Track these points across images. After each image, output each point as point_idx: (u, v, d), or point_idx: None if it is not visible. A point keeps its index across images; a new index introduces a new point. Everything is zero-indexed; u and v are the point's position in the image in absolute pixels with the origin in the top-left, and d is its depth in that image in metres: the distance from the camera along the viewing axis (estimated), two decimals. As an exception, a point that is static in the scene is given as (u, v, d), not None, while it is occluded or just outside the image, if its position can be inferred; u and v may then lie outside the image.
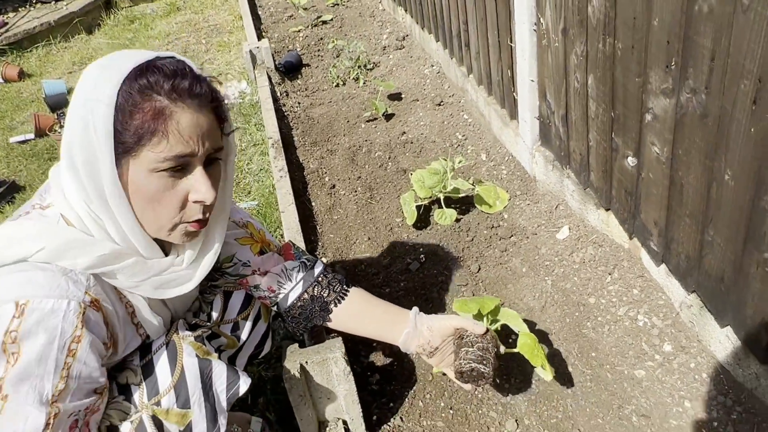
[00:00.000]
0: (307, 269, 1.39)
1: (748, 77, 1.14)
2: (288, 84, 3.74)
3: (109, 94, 0.93)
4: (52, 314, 0.92)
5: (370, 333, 1.43)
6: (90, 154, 0.95)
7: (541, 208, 2.23)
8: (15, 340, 0.90)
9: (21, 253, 0.94)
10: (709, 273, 1.47)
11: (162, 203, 1.00)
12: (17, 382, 0.89)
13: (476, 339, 1.33)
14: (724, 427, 1.42)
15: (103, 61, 0.99)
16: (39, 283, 0.93)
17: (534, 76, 2.12)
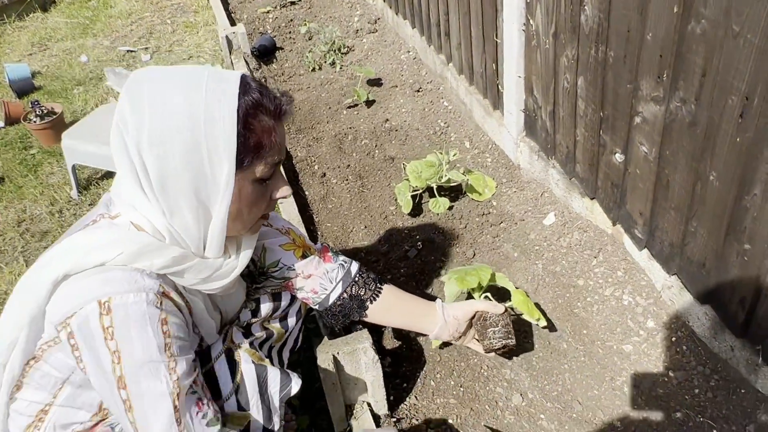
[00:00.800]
0: (344, 270, 1.52)
1: (736, 94, 1.30)
2: (265, 69, 3.77)
3: (227, 116, 1.02)
4: (135, 305, 1.01)
5: (401, 325, 1.62)
6: (198, 173, 1.03)
7: (527, 195, 2.39)
8: (113, 336, 1.00)
9: (101, 259, 1.03)
10: (691, 259, 1.66)
11: (257, 206, 1.14)
12: (133, 376, 1.01)
13: (498, 318, 1.55)
14: (704, 393, 1.62)
15: (187, 83, 1.04)
16: (117, 281, 1.01)
17: (521, 73, 2.26)
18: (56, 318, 1.03)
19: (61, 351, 1.08)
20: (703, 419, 1.57)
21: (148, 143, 1.02)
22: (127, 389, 1.02)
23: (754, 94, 1.25)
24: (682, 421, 1.57)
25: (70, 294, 1.03)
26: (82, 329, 1.01)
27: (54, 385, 1.14)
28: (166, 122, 1.02)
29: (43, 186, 3.00)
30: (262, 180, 1.11)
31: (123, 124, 1.04)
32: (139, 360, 1.01)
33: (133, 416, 1.04)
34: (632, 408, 1.62)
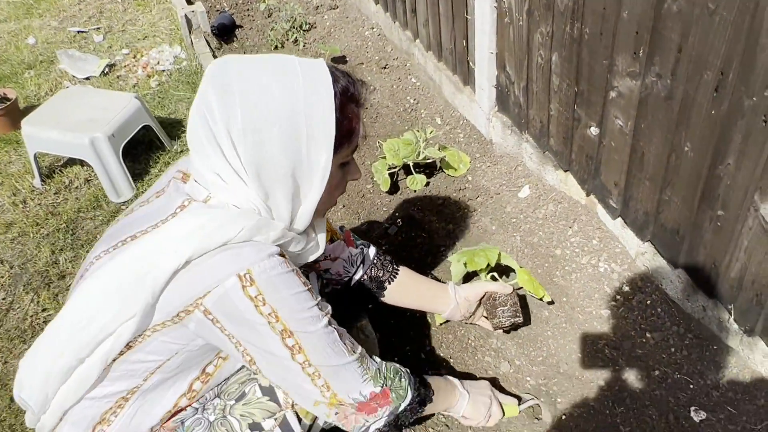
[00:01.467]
0: (364, 253, 1.60)
1: (711, 69, 1.37)
2: (226, 48, 3.71)
3: (328, 105, 1.05)
4: (273, 269, 1.07)
5: (415, 306, 1.71)
6: (296, 158, 1.07)
7: (501, 169, 2.45)
8: (265, 302, 1.05)
9: (226, 237, 1.05)
10: (665, 226, 1.75)
11: (339, 187, 1.22)
12: (298, 323, 1.09)
13: (506, 298, 1.64)
14: (679, 351, 1.73)
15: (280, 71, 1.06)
16: (246, 254, 1.05)
17: (493, 49, 2.30)
18: (180, 302, 1.05)
19: (168, 334, 1.09)
20: (679, 375, 1.67)
21: (243, 131, 1.03)
22: (294, 336, 1.09)
23: (729, 69, 1.32)
24: (660, 379, 1.67)
25: (199, 276, 1.04)
26: (223, 305, 1.04)
27: (143, 372, 1.15)
28: (263, 109, 1.03)
29: (3, 176, 2.90)
30: (344, 164, 1.18)
31: (209, 112, 1.03)
32: (297, 309, 1.09)
33: (305, 355, 1.11)
34: (613, 368, 1.72)
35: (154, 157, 2.89)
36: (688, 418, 1.57)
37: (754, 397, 1.58)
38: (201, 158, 1.08)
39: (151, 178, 2.78)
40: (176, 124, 3.11)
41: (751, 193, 1.39)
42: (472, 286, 1.70)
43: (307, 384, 1.14)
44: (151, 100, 3.33)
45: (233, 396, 1.26)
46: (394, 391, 1.25)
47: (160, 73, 3.57)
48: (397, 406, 1.27)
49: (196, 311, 1.05)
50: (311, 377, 1.13)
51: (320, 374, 1.13)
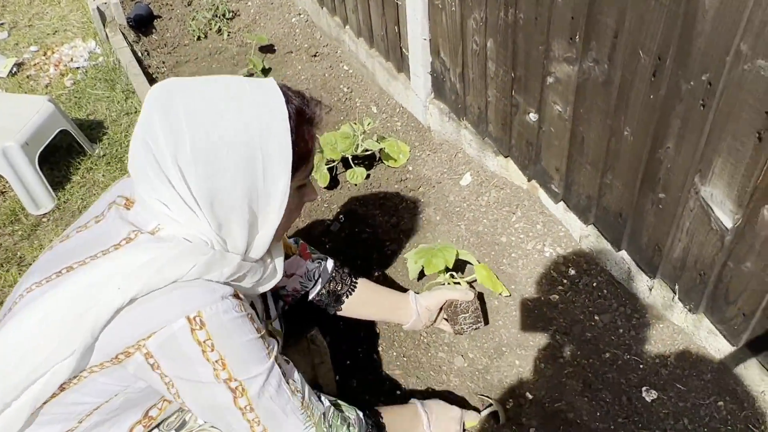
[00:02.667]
0: (321, 268, 1.54)
1: (648, 54, 1.37)
2: (145, 41, 3.51)
3: (283, 128, 1.00)
4: (225, 313, 1.00)
5: (375, 318, 1.68)
6: (251, 186, 1.00)
7: (441, 157, 2.42)
8: (213, 347, 0.98)
9: (176, 274, 0.97)
10: (607, 209, 1.75)
11: (296, 211, 1.17)
12: (243, 367, 1.02)
13: (467, 305, 1.62)
14: (628, 332, 1.75)
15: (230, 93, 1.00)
16: (198, 295, 0.99)
17: (426, 35, 2.24)
18: (120, 342, 0.97)
19: (107, 375, 1.00)
20: (629, 356, 1.69)
21: (193, 160, 0.95)
22: (239, 381, 1.03)
23: (666, 54, 1.32)
24: (611, 361, 1.69)
25: (144, 315, 0.96)
26: (169, 348, 0.97)
27: (78, 415, 1.05)
28: (213, 137, 0.96)
29: None
30: (301, 186, 1.13)
31: (153, 140, 0.96)
32: (246, 359, 1.03)
33: (248, 399, 1.04)
34: (565, 354, 1.72)
35: (75, 163, 2.70)
36: (640, 398, 1.60)
37: (701, 372, 1.62)
38: (146, 188, 1.01)
39: (73, 186, 2.61)
40: (96, 125, 2.92)
41: (692, 175, 1.40)
42: (433, 295, 1.68)
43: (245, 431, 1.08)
44: (67, 101, 3.12)
45: (173, 426, 1.18)
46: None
47: (74, 71, 3.35)
48: None
49: (137, 354, 0.97)
50: (250, 424, 1.06)
51: (260, 421, 1.07)
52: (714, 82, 1.24)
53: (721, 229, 1.39)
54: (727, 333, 1.54)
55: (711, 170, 1.34)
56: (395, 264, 2.06)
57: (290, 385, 1.11)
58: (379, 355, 1.82)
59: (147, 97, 1.00)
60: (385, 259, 2.09)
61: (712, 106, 1.26)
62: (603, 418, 1.57)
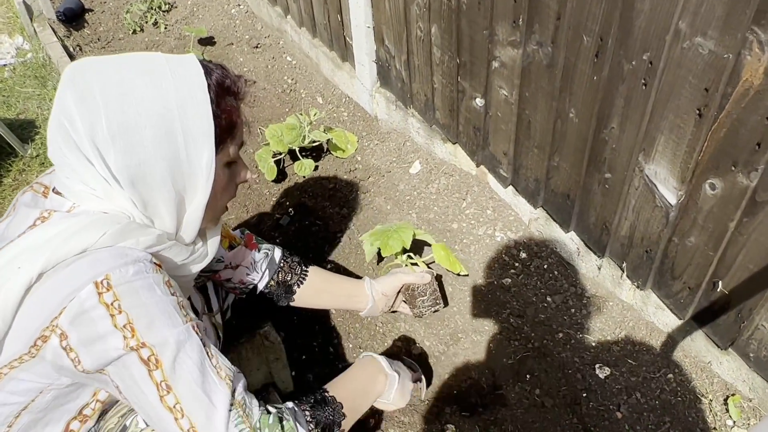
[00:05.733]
0: (269, 257, 1.49)
1: (590, 35, 1.38)
2: (77, 36, 3.35)
3: (202, 99, 0.96)
4: (136, 275, 0.94)
5: (329, 306, 1.64)
6: (174, 161, 0.96)
7: (389, 146, 2.40)
8: (120, 309, 0.90)
9: (83, 243, 0.92)
10: (555, 192, 1.77)
11: (227, 191, 1.11)
12: (152, 331, 0.93)
13: (425, 287, 1.61)
14: (579, 311, 1.78)
15: (145, 68, 0.95)
16: (108, 258, 0.93)
17: (370, 23, 2.22)
18: (35, 324, 0.90)
19: (27, 371, 0.94)
20: (582, 335, 1.72)
21: (110, 137, 0.91)
22: (150, 349, 0.93)
23: (608, 35, 1.33)
24: (565, 341, 1.72)
25: (52, 289, 0.90)
26: (78, 319, 0.90)
27: (6, 417, 0.98)
28: (130, 111, 0.92)
29: None
30: (230, 163, 1.08)
31: (69, 120, 0.91)
32: (155, 321, 0.94)
33: (163, 372, 0.93)
34: (520, 336, 1.74)
35: (6, 165, 2.56)
36: (594, 375, 1.63)
37: (651, 347, 1.66)
38: (65, 171, 0.97)
39: (5, 189, 2.47)
40: (27, 125, 2.78)
41: (636, 154, 1.43)
42: (389, 280, 1.64)
43: (172, 426, 0.95)
44: (-6, 99, 2.95)
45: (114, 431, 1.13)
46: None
47: (1, 68, 3.17)
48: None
49: (52, 336, 0.90)
50: (173, 413, 0.94)
51: (182, 409, 0.94)
52: (655, 61, 1.26)
53: (665, 205, 1.42)
54: (674, 307, 1.59)
55: (654, 148, 1.37)
56: (348, 253, 2.03)
57: (218, 370, 0.99)
58: (335, 348, 1.79)
59: (61, 78, 0.96)
60: (337, 250, 2.06)
61: (654, 84, 1.28)
62: (559, 397, 1.59)
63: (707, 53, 1.15)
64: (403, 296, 1.70)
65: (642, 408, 1.55)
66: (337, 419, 1.18)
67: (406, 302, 1.70)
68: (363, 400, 1.31)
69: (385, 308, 1.68)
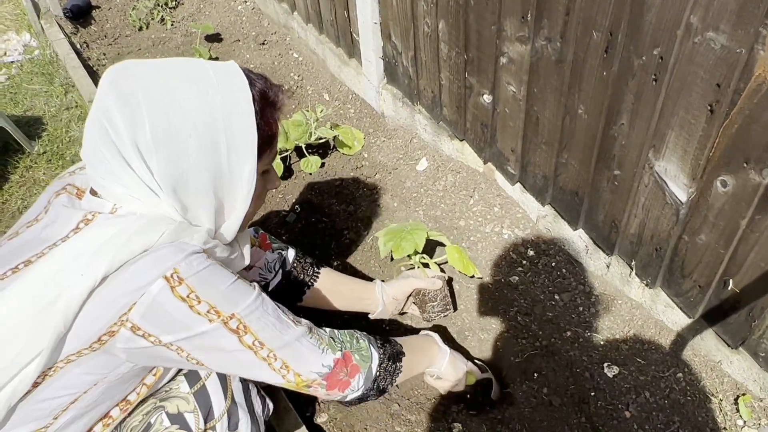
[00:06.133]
0: (282, 258, 1.50)
1: (600, 30, 1.36)
2: (84, 32, 3.36)
3: (248, 110, 0.96)
4: (200, 264, 0.97)
5: (339, 308, 1.62)
6: (217, 170, 0.98)
7: (396, 143, 2.39)
8: (199, 299, 0.95)
9: (145, 243, 0.93)
10: (563, 189, 1.76)
11: (261, 198, 1.14)
12: (239, 314, 0.99)
13: (436, 293, 1.60)
14: (587, 309, 1.76)
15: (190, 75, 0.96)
16: (169, 254, 0.95)
17: (377, 19, 2.20)
18: (100, 324, 0.91)
19: (84, 364, 0.95)
20: (590, 333, 1.71)
21: (153, 143, 0.91)
22: (237, 318, 0.99)
23: (618, 29, 1.32)
24: (573, 339, 1.70)
25: (119, 289, 0.91)
26: (154, 315, 0.92)
27: (53, 411, 0.98)
28: (175, 119, 0.92)
29: None
30: (265, 172, 1.11)
31: (110, 123, 0.91)
32: (235, 297, 1.00)
33: (253, 334, 1.01)
34: (527, 334, 1.72)
35: (13, 162, 2.56)
36: (602, 374, 1.61)
37: (660, 345, 1.64)
38: (103, 174, 0.96)
39: (12, 186, 2.47)
40: (34, 121, 2.78)
41: (646, 151, 1.41)
42: (400, 284, 1.65)
43: (265, 371, 1.05)
44: (2, 96, 2.96)
45: (137, 430, 1.13)
46: (356, 352, 1.18)
47: (8, 65, 3.18)
48: (368, 370, 1.19)
49: (121, 330, 0.92)
50: (267, 361, 1.04)
51: (275, 355, 1.04)
52: (665, 56, 1.24)
53: (675, 203, 1.40)
54: (684, 306, 1.57)
55: (665, 145, 1.35)
56: (355, 250, 2.03)
57: (288, 315, 1.10)
58: (341, 346, 1.79)
59: (102, 80, 0.96)
60: (343, 248, 2.05)
61: (665, 80, 1.27)
62: (566, 395, 1.58)
63: (719, 48, 1.14)
64: (413, 300, 1.70)
65: (651, 407, 1.54)
66: (399, 355, 1.30)
67: (416, 305, 1.70)
68: (419, 358, 1.39)
69: (395, 311, 1.69)
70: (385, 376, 1.25)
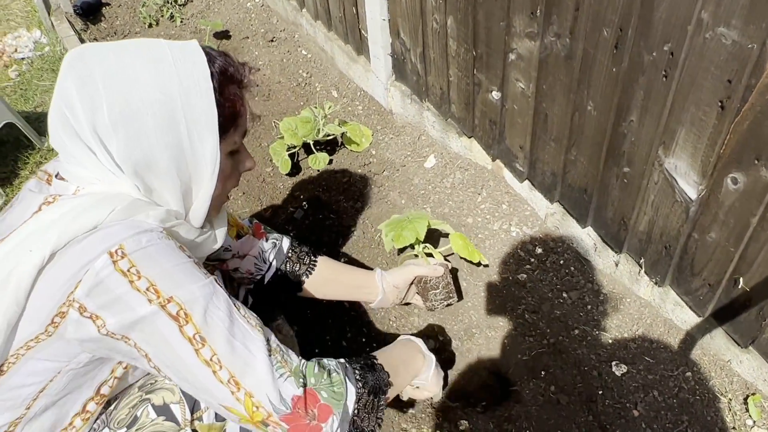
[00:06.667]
0: (277, 247, 1.48)
1: (610, 26, 1.35)
2: (94, 29, 3.37)
3: (205, 87, 0.95)
4: (149, 242, 0.93)
5: (339, 297, 1.61)
6: (177, 150, 0.96)
7: (404, 140, 2.38)
8: (140, 275, 0.90)
9: (93, 220, 0.92)
10: (572, 186, 1.75)
11: (231, 179, 1.11)
12: (183, 298, 0.93)
13: (438, 281, 1.58)
14: (596, 308, 1.75)
15: (148, 56, 0.95)
16: (119, 231, 0.92)
17: (386, 15, 2.20)
18: (51, 303, 0.90)
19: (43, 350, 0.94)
20: (598, 332, 1.70)
21: (111, 124, 0.91)
22: (177, 301, 0.92)
23: (628, 25, 1.31)
24: (581, 337, 1.69)
25: (65, 265, 0.90)
26: (96, 292, 0.89)
27: (24, 400, 0.98)
28: (132, 99, 0.92)
29: None
30: (234, 152, 1.08)
31: (69, 107, 0.91)
32: (179, 278, 0.94)
33: (194, 325, 0.93)
34: (535, 333, 1.72)
35: (23, 158, 2.58)
36: (610, 373, 1.60)
37: (669, 344, 1.63)
38: (67, 158, 0.98)
39: (22, 181, 2.49)
40: (44, 117, 2.77)
41: (656, 148, 1.40)
42: (401, 272, 1.62)
43: (211, 381, 0.93)
44: (12, 93, 2.98)
45: (124, 423, 1.11)
46: (324, 390, 1.00)
47: (19, 62, 3.20)
48: (342, 410, 1.01)
49: (70, 311, 0.91)
50: (210, 366, 0.92)
51: (220, 361, 0.92)
52: (676, 51, 1.23)
53: (685, 200, 1.39)
54: (693, 304, 1.56)
55: (675, 141, 1.34)
56: (362, 247, 2.02)
57: (248, 319, 0.99)
58: (348, 342, 1.78)
59: (62, 65, 0.95)
60: (351, 244, 2.05)
61: (675, 76, 1.26)
62: (574, 394, 1.57)
63: (730, 43, 1.12)
64: (416, 289, 1.68)
65: (659, 406, 1.52)
66: (383, 386, 1.15)
67: (419, 294, 1.68)
68: (405, 374, 1.30)
69: (397, 300, 1.66)
70: (367, 417, 1.07)
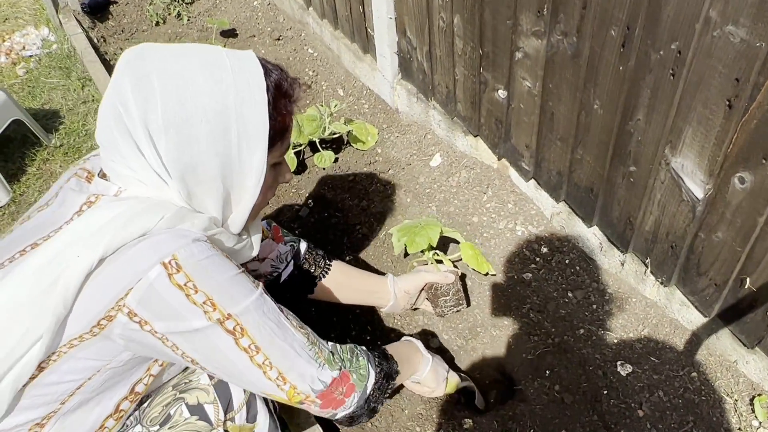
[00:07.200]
0: (294, 250, 1.51)
1: (617, 24, 1.35)
2: (101, 27, 3.38)
3: (260, 100, 0.96)
4: (200, 253, 0.95)
5: (350, 301, 1.63)
6: (226, 158, 0.97)
7: (410, 139, 2.38)
8: (196, 289, 0.93)
9: (144, 227, 0.93)
10: (578, 185, 1.74)
11: (271, 190, 1.13)
12: (237, 313, 0.97)
13: (448, 287, 1.59)
14: (601, 307, 1.75)
15: (206, 61, 0.95)
16: (169, 240, 0.94)
17: (392, 14, 2.20)
18: (99, 307, 0.91)
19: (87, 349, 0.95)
20: (603, 332, 1.69)
21: (164, 126, 0.92)
22: (234, 318, 0.97)
23: (635, 23, 1.30)
24: (586, 337, 1.69)
25: (117, 272, 0.91)
26: (149, 301, 0.91)
27: (59, 395, 0.99)
28: (188, 103, 0.92)
29: None
30: (276, 164, 1.10)
31: (123, 104, 0.92)
32: (234, 293, 0.98)
33: (250, 337, 0.99)
34: (540, 332, 1.71)
35: (30, 155, 2.59)
36: (615, 372, 1.60)
37: (675, 345, 1.63)
38: (114, 156, 0.97)
39: (29, 178, 2.50)
40: (52, 115, 2.81)
41: (662, 147, 1.39)
42: (412, 278, 1.64)
43: (260, 379, 1.03)
44: (20, 90, 2.99)
45: (157, 421, 1.13)
46: (354, 372, 1.15)
47: (27, 59, 3.21)
48: (363, 390, 1.16)
49: (119, 315, 0.92)
50: (262, 368, 1.01)
51: (271, 363, 1.02)
52: (683, 50, 1.23)
53: (692, 199, 1.39)
54: (699, 304, 1.55)
55: (681, 141, 1.34)
56: (367, 245, 2.03)
57: (291, 321, 1.07)
58: (353, 340, 1.78)
59: (119, 62, 0.96)
60: (356, 243, 2.05)
61: (682, 75, 1.25)
62: (579, 393, 1.56)
63: (738, 42, 1.12)
64: (426, 294, 1.69)
65: (664, 406, 1.52)
66: (393, 374, 1.28)
67: (429, 300, 1.69)
68: (406, 368, 1.38)
69: (407, 306, 1.69)
70: (378, 396, 1.22)
